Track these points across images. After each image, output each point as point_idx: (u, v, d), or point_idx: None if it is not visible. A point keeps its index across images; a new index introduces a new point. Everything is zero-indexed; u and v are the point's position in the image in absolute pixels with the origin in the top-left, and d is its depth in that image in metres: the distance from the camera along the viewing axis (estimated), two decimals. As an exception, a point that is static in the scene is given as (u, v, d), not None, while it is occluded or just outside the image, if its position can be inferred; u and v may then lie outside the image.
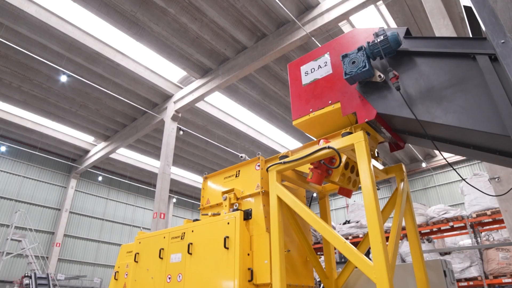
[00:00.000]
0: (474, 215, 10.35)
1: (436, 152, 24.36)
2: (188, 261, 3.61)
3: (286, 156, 3.45)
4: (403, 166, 3.68)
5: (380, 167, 3.58)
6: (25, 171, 23.24)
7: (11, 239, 14.00)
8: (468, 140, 2.99)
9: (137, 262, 4.36)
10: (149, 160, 25.54)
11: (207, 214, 3.81)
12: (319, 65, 3.67)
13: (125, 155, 24.76)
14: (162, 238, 4.08)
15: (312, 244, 3.91)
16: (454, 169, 2.93)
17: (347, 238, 11.54)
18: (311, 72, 3.71)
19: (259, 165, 3.70)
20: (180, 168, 26.04)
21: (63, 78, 15.55)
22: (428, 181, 26.31)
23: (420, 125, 2.81)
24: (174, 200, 30.62)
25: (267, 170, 3.37)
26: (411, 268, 3.46)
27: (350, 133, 3.09)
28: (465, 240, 13.49)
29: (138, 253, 4.39)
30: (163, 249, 3.98)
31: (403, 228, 11.02)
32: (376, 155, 3.64)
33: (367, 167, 2.74)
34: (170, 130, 15.98)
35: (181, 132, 17.92)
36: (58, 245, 23.13)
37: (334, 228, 11.73)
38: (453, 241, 13.97)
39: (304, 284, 3.51)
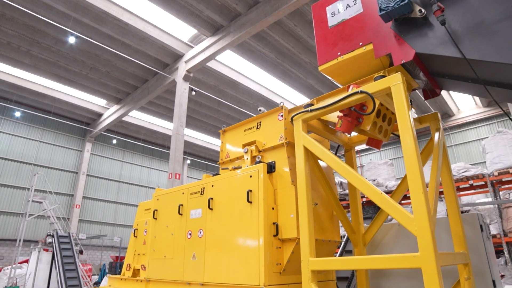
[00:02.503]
0: (495, 173, 10.06)
1: (454, 111, 23.61)
2: (209, 217, 3.48)
3: (311, 105, 3.18)
4: (439, 115, 3.39)
5: (414, 115, 3.29)
6: (41, 136, 23.54)
7: (32, 201, 14.32)
8: (522, 81, 2.67)
9: (156, 219, 4.28)
10: (162, 122, 25.50)
11: (227, 168, 3.63)
12: (347, 4, 3.31)
13: (138, 117, 24.73)
14: (181, 194, 3.94)
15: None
16: (511, 118, 2.63)
17: (362, 197, 11.44)
18: (338, 13, 3.35)
19: (282, 115, 3.45)
20: (193, 130, 25.99)
21: (71, 40, 15.19)
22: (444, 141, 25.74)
23: (469, 64, 2.48)
24: (188, 161, 30.90)
25: (291, 119, 3.12)
26: (443, 223, 3.27)
27: (384, 76, 2.79)
28: (482, 199, 13.28)
29: (156, 210, 4.30)
30: (182, 205, 3.86)
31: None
32: (410, 103, 3.34)
33: (405, 111, 2.47)
34: (182, 91, 15.69)
35: (193, 93, 17.61)
36: (78, 206, 23.85)
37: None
38: (469, 200, 13.78)
39: (330, 239, 3.36)
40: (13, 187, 21.65)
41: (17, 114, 22.20)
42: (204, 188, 3.63)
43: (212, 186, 3.54)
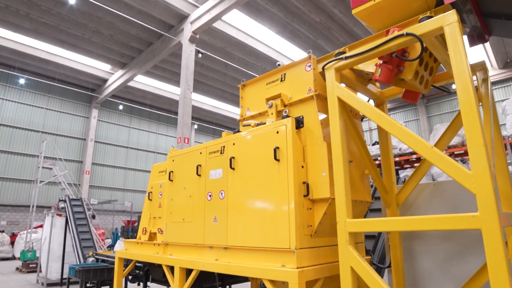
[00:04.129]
0: (516, 136, 9.67)
1: (469, 71, 22.78)
2: (230, 177, 3.24)
3: (342, 53, 2.84)
4: (486, 63, 3.03)
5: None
6: (47, 103, 23.34)
7: (42, 167, 14.32)
8: None
9: (172, 181, 4.06)
10: (168, 87, 25.04)
11: (249, 125, 3.35)
12: None
13: (144, 82, 24.26)
14: (198, 154, 3.70)
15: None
16: None
17: (375, 159, 11.22)
18: None
19: (310, 66, 3.11)
20: (200, 94, 25.52)
21: (72, 1, 14.54)
22: (456, 105, 25.20)
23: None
24: (196, 126, 30.70)
25: (323, 68, 2.80)
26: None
27: (431, 17, 2.42)
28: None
29: (172, 172, 4.08)
30: (200, 165, 3.62)
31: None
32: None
33: (462, 54, 2.13)
34: (189, 53, 15.16)
35: (200, 55, 17.05)
36: (87, 172, 24.03)
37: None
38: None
39: (362, 200, 3.13)
40: (22, 155, 21.76)
41: (21, 81, 21.90)
42: (224, 146, 3.37)
43: (234, 144, 3.28)
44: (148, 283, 5.04)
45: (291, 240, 2.58)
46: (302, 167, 2.83)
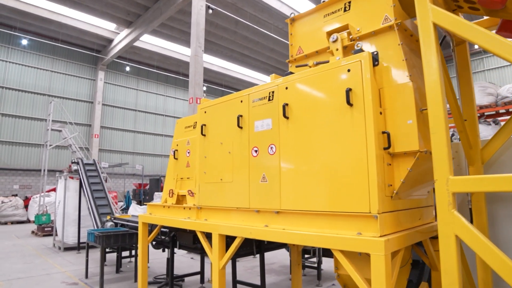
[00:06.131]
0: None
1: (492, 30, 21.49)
2: (283, 128, 2.71)
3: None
4: None
5: None
6: (51, 65, 22.64)
7: (52, 129, 13.88)
8: None
9: (204, 135, 3.54)
10: (176, 47, 24.05)
11: (305, 65, 2.77)
12: None
13: (151, 42, 23.25)
14: (239, 102, 3.15)
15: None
16: None
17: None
18: None
19: (386, -12, 2.48)
20: (209, 55, 24.52)
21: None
22: (477, 65, 24.12)
23: None
24: (204, 88, 29.91)
25: (410, -13, 2.18)
26: None
27: None
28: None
29: (205, 125, 3.55)
30: (241, 116, 3.08)
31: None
32: None
33: None
34: (199, 8, 14.18)
35: (210, 11, 16.04)
36: (96, 136, 23.72)
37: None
38: None
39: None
40: (30, 119, 21.39)
41: (24, 42, 21.09)
42: (273, 92, 2.81)
43: (286, 88, 2.72)
44: (175, 249, 4.68)
45: (371, 203, 2.09)
46: (380, 113, 2.29)
